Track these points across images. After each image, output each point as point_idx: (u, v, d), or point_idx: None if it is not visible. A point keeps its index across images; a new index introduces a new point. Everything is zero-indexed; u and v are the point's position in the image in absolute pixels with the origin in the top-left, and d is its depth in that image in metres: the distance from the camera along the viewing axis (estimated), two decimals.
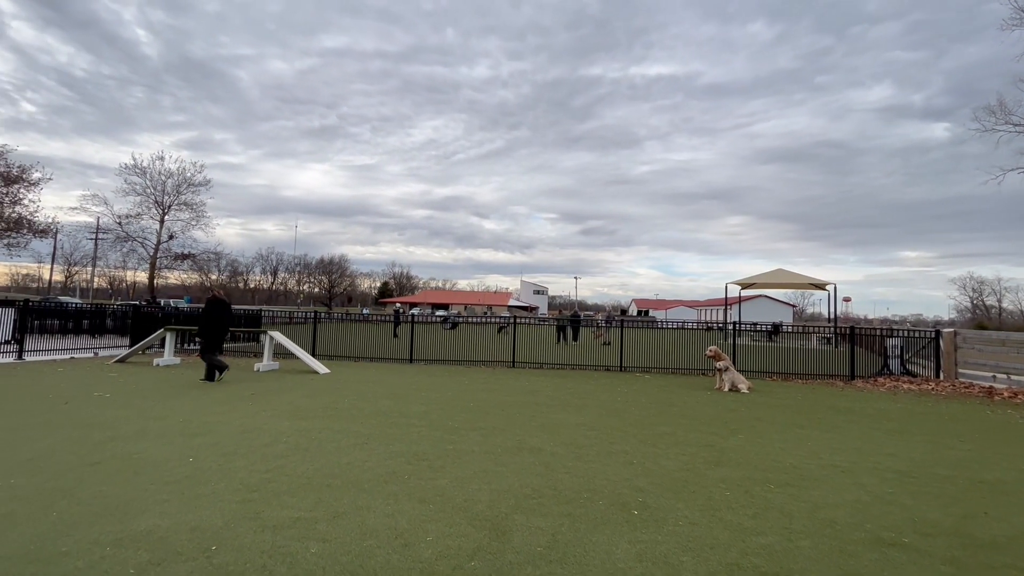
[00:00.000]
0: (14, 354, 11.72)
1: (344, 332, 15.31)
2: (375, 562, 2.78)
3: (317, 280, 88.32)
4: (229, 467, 4.32)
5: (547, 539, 3.15)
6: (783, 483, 4.39)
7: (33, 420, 5.81)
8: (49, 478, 3.89)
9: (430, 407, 7.40)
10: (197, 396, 7.71)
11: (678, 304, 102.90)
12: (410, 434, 5.72)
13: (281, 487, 3.88)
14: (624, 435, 6.03)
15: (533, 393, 9.11)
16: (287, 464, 4.47)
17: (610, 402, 8.36)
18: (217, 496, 3.64)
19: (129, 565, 2.64)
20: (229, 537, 3.00)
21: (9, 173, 30.11)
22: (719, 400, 8.87)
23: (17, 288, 60.36)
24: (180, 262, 49.67)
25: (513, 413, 7.17)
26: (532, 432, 6.03)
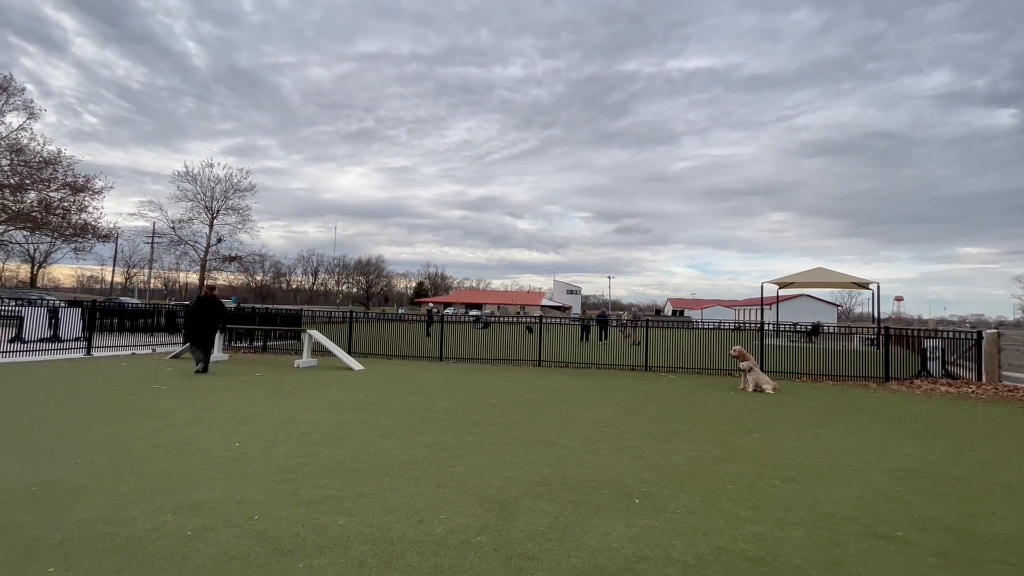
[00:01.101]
0: (83, 350, 12.86)
1: (379, 331, 15.95)
2: (393, 534, 3.13)
3: (355, 280, 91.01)
4: (270, 452, 4.79)
5: (549, 520, 3.43)
6: (788, 479, 4.52)
7: (103, 409, 6.51)
8: (118, 457, 4.46)
9: (455, 403, 7.77)
10: (243, 390, 8.36)
11: (714, 304, 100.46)
12: (434, 427, 6.10)
13: (315, 470, 4.31)
14: (639, 432, 6.23)
15: (556, 391, 9.37)
16: (321, 451, 4.91)
17: (630, 400, 8.53)
18: (260, 476, 4.10)
19: (186, 528, 3.09)
20: (269, 509, 3.43)
21: (76, 183, 32.57)
22: (741, 400, 8.89)
23: (83, 289, 64.90)
24: (228, 264, 52.37)
25: (534, 409, 7.46)
26: (550, 427, 6.31)
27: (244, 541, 2.96)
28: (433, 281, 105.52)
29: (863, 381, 11.59)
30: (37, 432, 5.22)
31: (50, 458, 4.36)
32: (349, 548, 2.93)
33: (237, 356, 13.59)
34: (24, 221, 31.35)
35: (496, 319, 23.40)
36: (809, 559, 3.01)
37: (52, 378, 8.86)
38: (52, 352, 12.47)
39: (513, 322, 22.36)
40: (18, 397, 7.07)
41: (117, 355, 12.68)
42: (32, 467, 4.11)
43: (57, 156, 31.87)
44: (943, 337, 12.24)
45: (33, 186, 31.29)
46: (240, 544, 2.92)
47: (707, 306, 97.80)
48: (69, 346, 13.29)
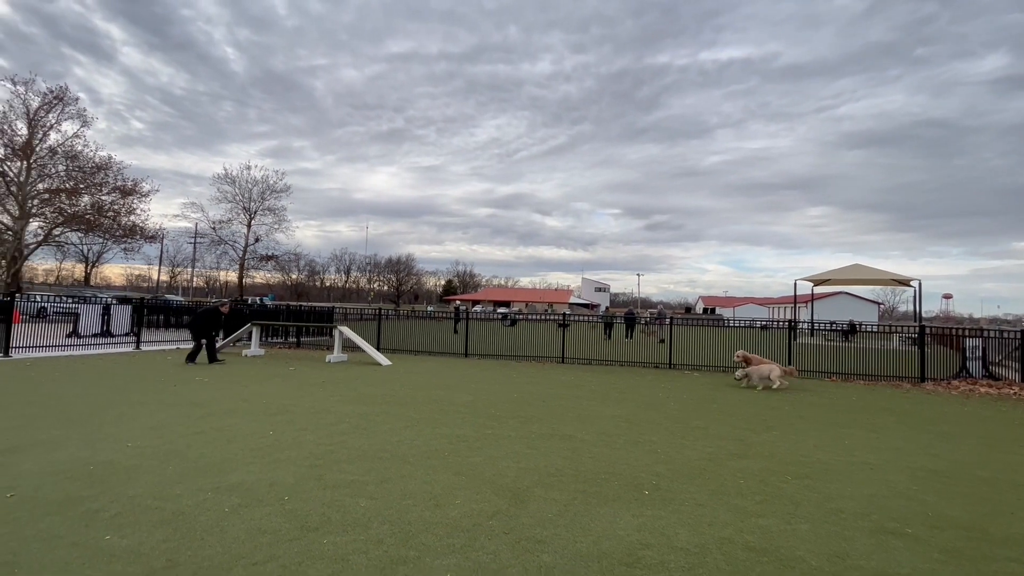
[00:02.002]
0: (133, 344, 13.71)
1: (407, 328, 16.37)
2: (411, 516, 3.35)
3: (386, 279, 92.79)
4: (301, 440, 5.11)
5: (559, 508, 3.59)
6: (802, 476, 4.54)
7: (152, 398, 7.01)
8: (165, 442, 4.85)
9: (477, 397, 8.00)
10: (278, 383, 8.80)
11: (748, 301, 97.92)
12: (455, 420, 6.33)
13: (341, 457, 4.59)
14: (656, 427, 6.30)
15: (576, 387, 9.48)
16: (348, 440, 5.20)
17: (650, 397, 8.57)
18: (291, 461, 4.40)
19: (224, 505, 3.39)
20: (298, 491, 3.71)
21: (125, 186, 34.40)
22: (763, 398, 8.80)
23: (131, 287, 68.39)
24: (264, 263, 54.30)
25: (553, 404, 7.60)
26: (567, 422, 6.45)
27: (275, 518, 3.23)
28: (462, 279, 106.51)
29: (896, 381, 11.25)
30: (96, 418, 5.70)
31: (107, 441, 4.78)
32: (369, 527, 3.16)
33: (273, 351, 14.22)
34: (79, 223, 33.32)
35: (523, 316, 23.59)
36: (812, 551, 3.07)
37: (106, 370, 9.53)
38: (105, 346, 13.35)
39: (540, 320, 22.51)
40: (79, 386, 7.68)
41: (163, 349, 13.46)
42: (91, 449, 4.53)
43: (108, 161, 33.73)
44: (985, 336, 11.74)
45: (87, 190, 33.20)
46: (271, 521, 3.19)
47: (740, 304, 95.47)
48: (120, 341, 14.19)
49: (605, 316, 23.61)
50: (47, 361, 10.45)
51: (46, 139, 31.78)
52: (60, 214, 32.53)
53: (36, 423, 5.40)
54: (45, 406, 6.25)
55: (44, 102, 31.14)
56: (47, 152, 31.79)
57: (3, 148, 30.37)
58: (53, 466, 4.06)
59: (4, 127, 30.15)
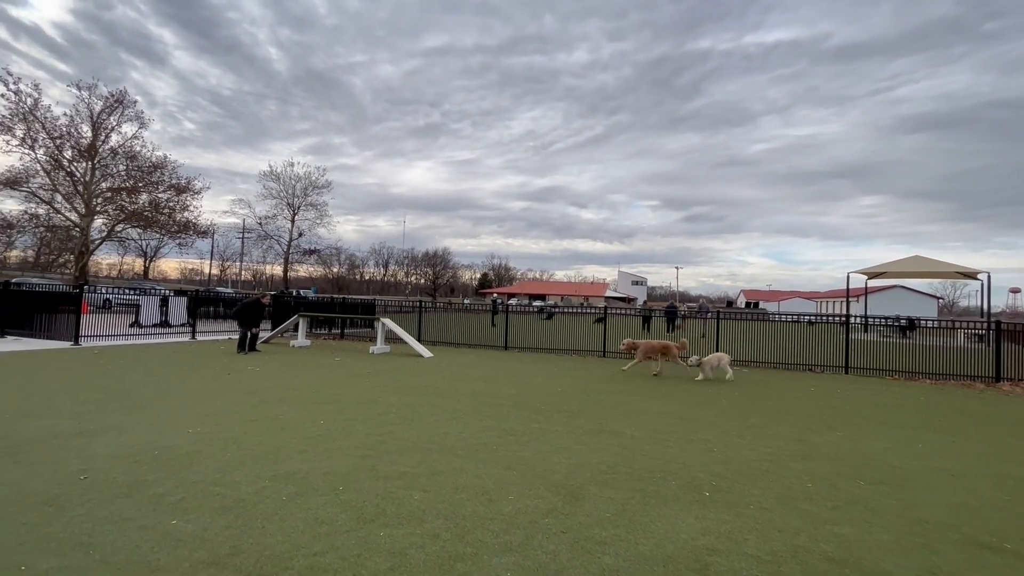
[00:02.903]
0: (189, 334, 14.37)
1: (446, 320, 16.47)
2: (465, 511, 3.29)
3: (423, 272, 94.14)
4: (351, 430, 5.16)
5: (616, 508, 3.45)
6: (876, 481, 4.23)
7: (208, 386, 7.27)
8: (222, 429, 4.99)
9: (520, 390, 7.92)
10: (325, 373, 8.99)
11: (793, 295, 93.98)
12: (500, 413, 6.27)
13: (391, 448, 4.59)
14: (710, 425, 6.05)
15: (621, 382, 9.26)
16: (396, 431, 5.21)
17: (698, 394, 8.27)
18: (342, 451, 4.44)
19: (282, 494, 3.43)
20: (352, 481, 3.71)
21: (179, 184, 36.14)
22: (821, 397, 8.35)
23: (185, 281, 71.97)
24: (307, 256, 56.13)
25: (598, 400, 7.44)
26: (615, 417, 6.28)
27: (331, 509, 3.23)
28: (497, 272, 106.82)
29: (968, 381, 10.47)
30: (158, 404, 5.94)
31: (169, 427, 4.96)
32: (424, 521, 3.12)
33: (318, 342, 14.60)
34: (138, 220, 35.26)
35: (559, 310, 23.35)
36: (899, 565, 2.82)
37: (166, 358, 9.99)
38: (164, 336, 14.04)
39: (577, 313, 22.24)
40: (141, 374, 8.06)
41: (217, 339, 14.03)
42: (156, 434, 4.71)
43: (163, 161, 35.49)
44: None
45: (145, 188, 35.05)
46: (328, 511, 3.19)
47: (785, 298, 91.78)
48: (177, 331, 14.90)
49: (644, 310, 23.19)
50: (113, 349, 11.05)
51: (108, 140, 33.70)
52: (121, 211, 34.50)
53: (105, 408, 5.68)
54: (112, 392, 6.58)
55: (106, 105, 33.00)
56: (109, 153, 33.71)
57: (71, 150, 32.47)
58: (121, 449, 4.23)
59: (71, 130, 32.21)
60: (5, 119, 29.58)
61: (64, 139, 31.80)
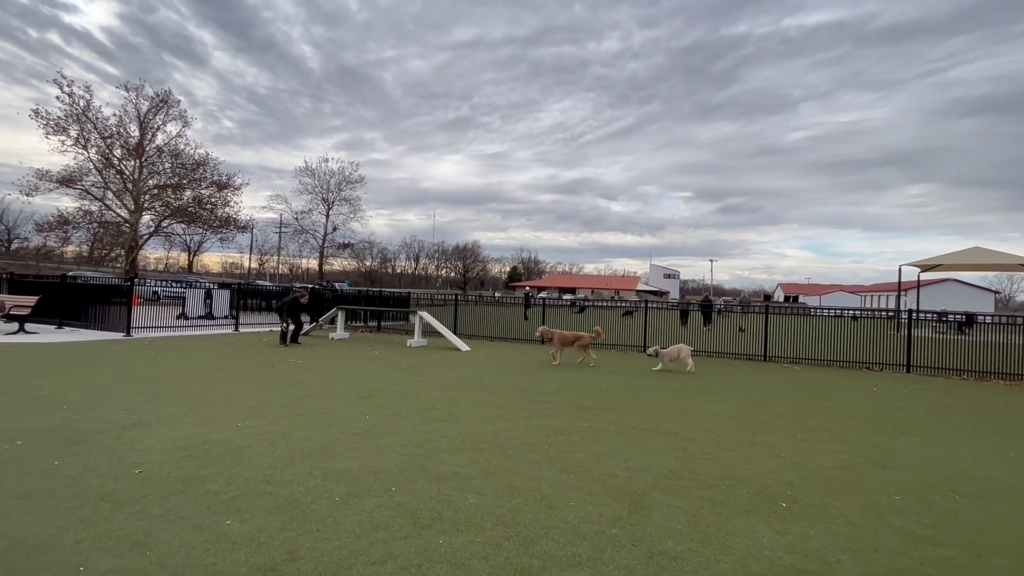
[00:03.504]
0: (232, 326, 14.71)
1: (480, 313, 16.36)
2: (525, 517, 3.10)
3: (453, 265, 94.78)
4: (397, 426, 5.04)
5: (687, 518, 3.20)
6: (971, 495, 3.82)
7: (254, 377, 7.33)
8: (270, 423, 4.95)
9: (563, 386, 7.69)
10: (365, 365, 8.98)
11: (835, 289, 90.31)
12: (547, 409, 6.06)
13: (440, 446, 4.44)
14: (769, 427, 5.68)
15: (666, 378, 8.92)
16: (442, 427, 5.07)
17: (752, 392, 7.86)
18: (391, 448, 4.31)
19: (334, 494, 3.31)
20: (404, 482, 3.57)
21: (220, 181, 37.23)
22: (885, 397, 7.80)
23: (226, 274, 74.59)
24: (341, 250, 57.21)
25: (646, 397, 7.14)
26: (667, 416, 5.98)
27: (386, 511, 3.09)
28: (526, 265, 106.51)
29: None
30: (207, 396, 5.98)
31: (218, 420, 4.96)
32: (484, 528, 2.94)
33: (356, 335, 14.72)
34: (182, 215, 36.51)
35: (590, 303, 22.96)
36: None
37: (212, 350, 10.19)
38: (208, 328, 14.41)
39: (611, 306, 21.81)
40: (190, 365, 8.21)
41: (258, 331, 14.32)
42: (205, 427, 4.70)
43: (205, 158, 36.58)
44: None
45: (188, 185, 36.25)
46: (383, 514, 3.05)
47: (826, 291, 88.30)
48: (221, 323, 15.28)
49: (681, 303, 22.59)
50: (162, 341, 11.38)
51: (154, 139, 34.95)
52: (167, 207, 35.77)
53: (156, 399, 5.75)
54: (162, 383, 6.68)
55: (152, 105, 34.21)
56: (155, 151, 34.98)
57: (120, 149, 33.85)
58: (174, 442, 4.22)
59: (120, 130, 33.56)
60: (60, 120, 31.03)
61: (114, 139, 33.13)
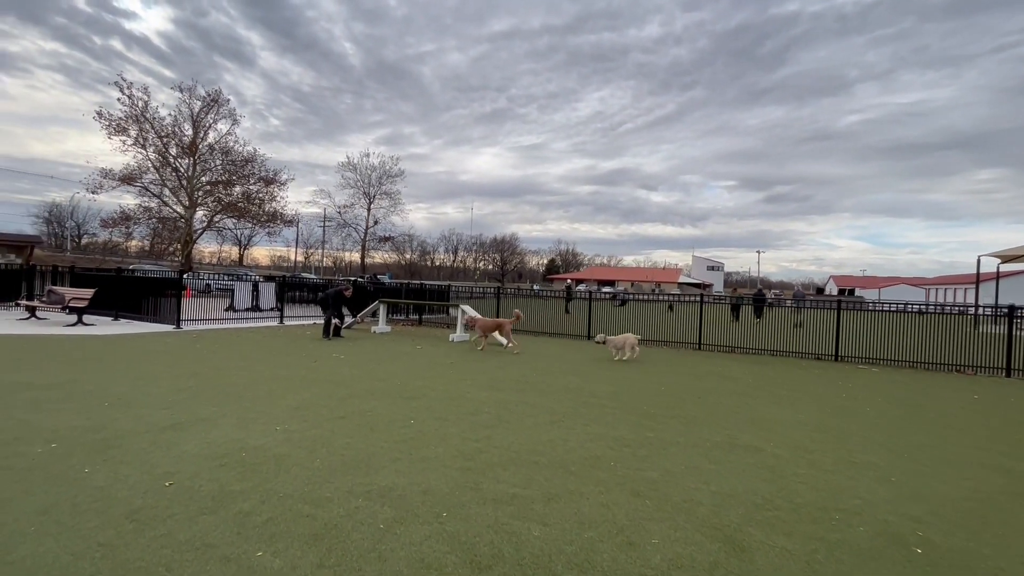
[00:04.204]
0: (277, 319, 14.84)
1: (520, 306, 15.86)
2: (601, 558, 2.59)
3: (491, 258, 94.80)
4: (444, 433, 4.62)
5: (800, 566, 2.60)
6: None
7: (296, 374, 7.12)
8: (310, 426, 4.63)
9: (618, 387, 7.10)
10: (408, 362, 8.67)
11: (895, 281, 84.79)
12: (604, 415, 5.51)
13: (492, 459, 3.99)
14: (866, 442, 4.93)
15: (729, 380, 8.17)
16: (493, 435, 4.62)
17: (831, 398, 7.03)
18: (439, 461, 3.89)
19: (378, 519, 2.90)
20: (456, 505, 3.12)
21: (267, 177, 38.27)
22: (994, 407, 6.81)
23: (274, 267, 77.25)
24: (382, 244, 58.09)
25: (712, 401, 6.46)
26: (741, 426, 5.31)
27: (437, 545, 2.65)
28: (564, 258, 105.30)
29: None
30: (248, 394, 5.76)
31: (257, 422, 4.68)
32: (553, 570, 2.45)
33: (397, 328, 14.54)
34: (233, 211, 37.80)
35: (632, 296, 22.08)
36: None
37: (256, 343, 10.16)
38: (255, 320, 14.58)
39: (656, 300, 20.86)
40: (234, 359, 8.12)
41: (302, 324, 14.37)
42: (244, 430, 4.42)
43: (253, 155, 37.68)
44: None
45: (238, 181, 37.46)
46: (434, 548, 2.61)
47: (885, 284, 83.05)
48: (267, 315, 15.47)
49: (732, 297, 21.39)
50: (209, 333, 11.49)
51: (206, 137, 36.27)
52: (219, 203, 37.12)
53: (197, 397, 5.56)
54: (205, 379, 6.54)
55: (204, 105, 35.46)
56: (207, 149, 36.29)
57: (175, 147, 35.27)
58: (210, 448, 3.94)
59: (175, 129, 34.94)
60: (121, 121, 32.56)
61: (169, 138, 34.54)
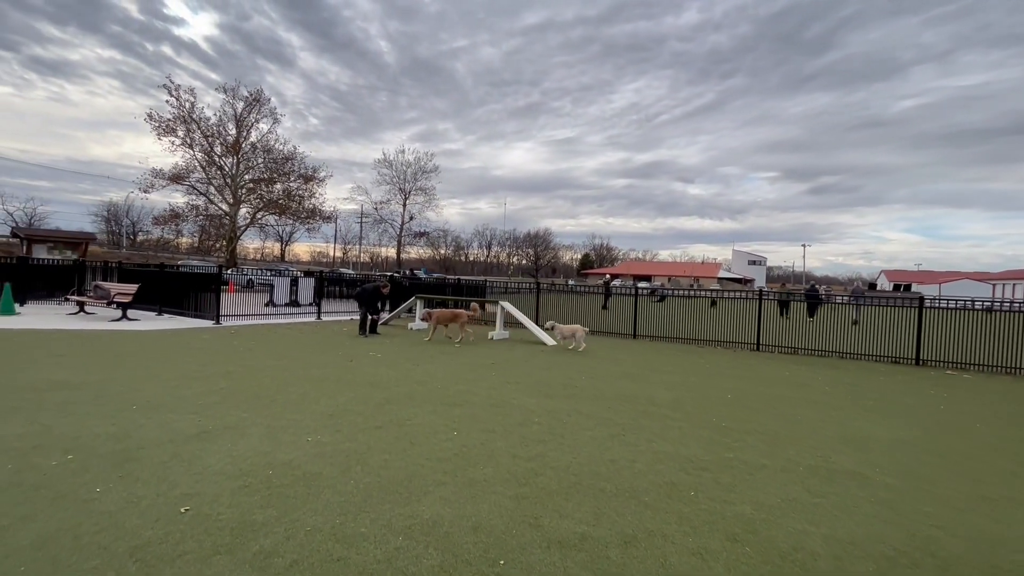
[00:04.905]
0: (315, 315, 14.75)
1: (557, 302, 15.24)
2: None
3: (524, 252, 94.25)
4: (492, 448, 4.10)
5: None
6: None
7: (331, 373, 6.77)
8: (345, 438, 4.19)
9: (679, 394, 6.42)
10: (446, 361, 8.22)
11: (957, 276, 79.22)
12: (670, 430, 4.86)
13: (550, 484, 3.43)
14: (991, 470, 4.10)
15: (802, 386, 7.33)
16: (547, 452, 4.06)
17: (928, 410, 6.13)
18: (489, 485, 3.35)
19: (422, 567, 2.38)
20: (514, 548, 2.58)
21: (307, 174, 38.88)
22: None
23: (314, 263, 79.12)
24: (418, 239, 58.46)
25: (789, 413, 5.70)
26: (833, 446, 4.56)
27: None
28: (598, 253, 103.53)
29: None
30: (280, 398, 5.41)
31: (288, 432, 4.28)
32: None
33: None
34: (274, 208, 38.64)
35: (670, 292, 21.00)
36: None
37: (293, 340, 9.95)
38: (293, 316, 14.52)
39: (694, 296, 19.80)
40: (269, 357, 7.86)
41: (340, 319, 14.20)
42: (273, 442, 4.02)
43: (294, 153, 38.36)
44: None
45: (279, 179, 38.23)
46: None
47: (947, 279, 77.68)
48: (305, 310, 15.41)
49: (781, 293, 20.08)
50: (247, 329, 11.40)
51: (249, 136, 37.13)
52: (261, 200, 38.02)
53: (228, 400, 5.24)
54: (238, 379, 6.26)
55: (246, 104, 36.29)
56: (250, 148, 37.15)
57: (220, 146, 36.25)
58: (234, 463, 3.54)
59: (220, 129, 35.90)
60: (170, 122, 33.66)
61: (214, 137, 35.54)
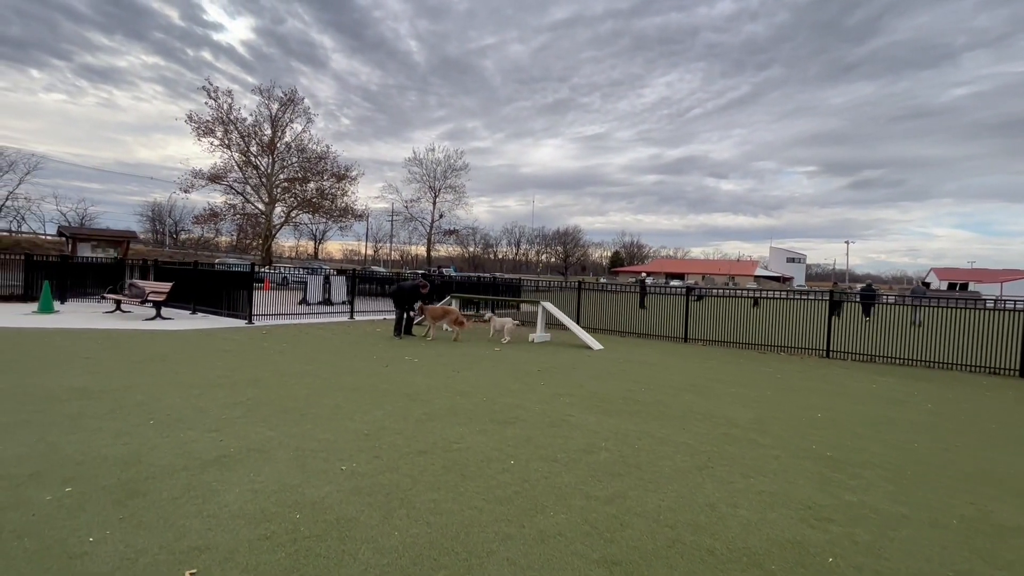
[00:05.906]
0: (347, 314, 14.37)
1: (594, 301, 14.39)
2: None
3: (553, 250, 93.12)
4: (559, 484, 3.40)
5: None
6: None
7: (365, 382, 6.21)
8: (384, 467, 3.57)
9: (759, 412, 5.58)
10: (489, 367, 7.57)
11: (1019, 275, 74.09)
12: (765, 460, 4.06)
13: (643, 540, 2.70)
14: None
15: (899, 403, 6.37)
16: (627, 491, 3.33)
17: None
18: (566, 542, 2.65)
19: None
20: None
21: (339, 173, 39.05)
22: None
23: (346, 260, 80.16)
24: (447, 237, 58.35)
25: (900, 439, 4.79)
26: (979, 488, 3.68)
27: None
28: (628, 250, 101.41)
29: None
30: (311, 412, 4.85)
31: (319, 457, 3.69)
32: None
33: (469, 325, 13.57)
34: (308, 206, 38.96)
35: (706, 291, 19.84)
36: None
37: (325, 342, 9.49)
38: (326, 315, 14.18)
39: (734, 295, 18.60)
40: (300, 361, 7.38)
41: (372, 319, 13.77)
42: (302, 471, 3.42)
43: (326, 152, 38.58)
44: None
45: (313, 178, 38.51)
46: None
47: (1006, 278, 72.73)
48: (337, 309, 15.07)
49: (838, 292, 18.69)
50: (280, 329, 11.04)
51: (283, 136, 37.53)
52: (295, 199, 38.40)
53: (253, 413, 4.71)
54: (266, 388, 5.75)
55: (281, 105, 36.65)
56: (284, 147, 37.56)
57: (256, 146, 36.75)
58: (255, 501, 2.95)
59: (255, 130, 36.37)
60: (208, 123, 34.26)
61: (250, 137, 36.02)
